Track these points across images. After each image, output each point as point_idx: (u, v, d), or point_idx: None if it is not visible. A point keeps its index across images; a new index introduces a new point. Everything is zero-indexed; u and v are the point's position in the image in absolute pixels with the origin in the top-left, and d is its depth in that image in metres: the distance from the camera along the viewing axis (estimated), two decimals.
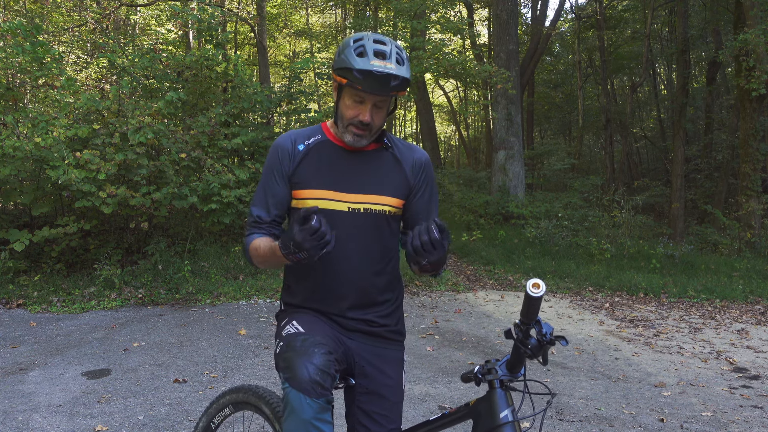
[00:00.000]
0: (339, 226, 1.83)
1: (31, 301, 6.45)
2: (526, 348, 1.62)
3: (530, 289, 1.56)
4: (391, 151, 1.96)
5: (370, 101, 1.81)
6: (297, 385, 1.63)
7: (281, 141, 1.95)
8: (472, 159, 27.41)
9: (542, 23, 19.92)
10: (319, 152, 1.92)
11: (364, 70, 1.74)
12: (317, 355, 1.67)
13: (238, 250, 8.32)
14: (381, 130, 1.91)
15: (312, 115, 10.38)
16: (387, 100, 1.84)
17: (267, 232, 1.92)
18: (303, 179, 1.89)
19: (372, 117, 1.83)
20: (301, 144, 1.93)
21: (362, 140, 1.86)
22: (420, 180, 1.97)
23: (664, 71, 24.85)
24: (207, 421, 2.23)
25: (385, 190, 1.91)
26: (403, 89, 1.82)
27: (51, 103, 7.77)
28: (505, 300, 7.60)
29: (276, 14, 21.06)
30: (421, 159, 1.99)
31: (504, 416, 1.63)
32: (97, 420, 3.58)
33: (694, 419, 3.86)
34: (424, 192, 1.99)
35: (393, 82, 1.76)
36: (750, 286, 8.36)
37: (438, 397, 4.11)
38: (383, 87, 1.76)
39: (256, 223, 1.94)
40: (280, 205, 1.93)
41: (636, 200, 11.32)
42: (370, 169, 1.92)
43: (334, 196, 1.87)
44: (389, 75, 1.74)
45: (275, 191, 1.92)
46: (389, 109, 1.90)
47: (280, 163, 1.92)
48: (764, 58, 10.61)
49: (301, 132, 1.98)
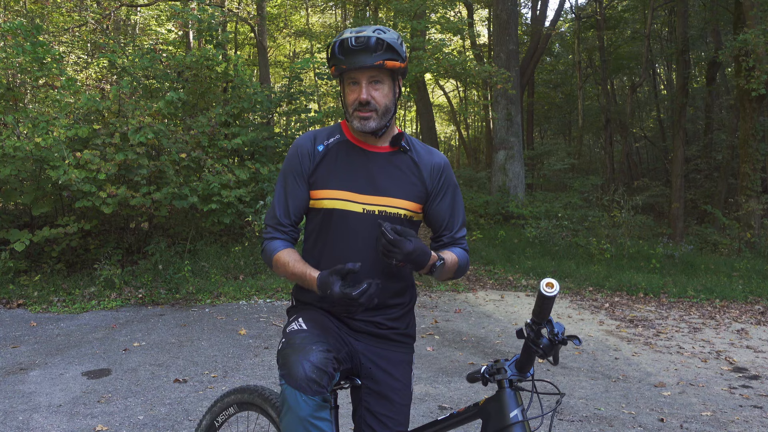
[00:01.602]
0: (353, 227, 1.86)
1: (32, 301, 6.45)
2: (537, 347, 1.62)
3: (544, 288, 1.56)
4: (410, 155, 1.94)
5: (362, 79, 1.81)
6: (293, 383, 1.63)
7: (302, 141, 1.95)
8: (472, 159, 27.41)
9: (542, 23, 19.93)
10: (338, 152, 1.92)
11: (339, 42, 1.77)
12: (314, 353, 1.67)
13: (238, 250, 8.32)
14: (390, 113, 1.87)
15: (312, 115, 10.39)
16: (381, 74, 1.82)
17: (289, 238, 1.95)
18: (321, 179, 1.90)
19: (370, 94, 1.81)
20: (321, 144, 1.93)
21: (369, 122, 1.83)
22: (438, 185, 1.95)
23: (664, 71, 24.85)
24: (211, 420, 2.23)
25: (401, 193, 1.89)
26: (394, 60, 1.79)
27: (51, 103, 7.77)
28: (505, 300, 7.61)
29: (276, 14, 21.05)
30: (440, 163, 1.97)
31: (514, 416, 1.63)
32: (97, 420, 3.58)
33: (694, 419, 3.86)
34: (445, 196, 1.97)
35: (375, 51, 1.75)
36: (750, 286, 8.37)
37: (438, 397, 4.11)
38: (365, 56, 1.76)
39: (277, 227, 1.94)
40: (301, 207, 1.94)
41: (636, 200, 11.31)
42: (388, 172, 1.91)
43: (349, 197, 1.87)
44: (363, 38, 1.74)
45: (296, 194, 1.92)
46: (395, 90, 1.88)
47: (300, 163, 1.91)
48: (764, 58, 10.61)
49: (320, 132, 1.98)
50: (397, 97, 1.90)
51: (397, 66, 1.81)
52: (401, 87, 1.93)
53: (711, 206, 13.35)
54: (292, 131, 10.41)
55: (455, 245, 2.01)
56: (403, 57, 1.82)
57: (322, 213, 1.90)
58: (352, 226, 1.86)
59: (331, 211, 1.88)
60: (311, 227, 1.97)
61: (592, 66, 22.76)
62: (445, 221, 1.98)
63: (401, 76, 1.90)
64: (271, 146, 9.35)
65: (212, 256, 8.07)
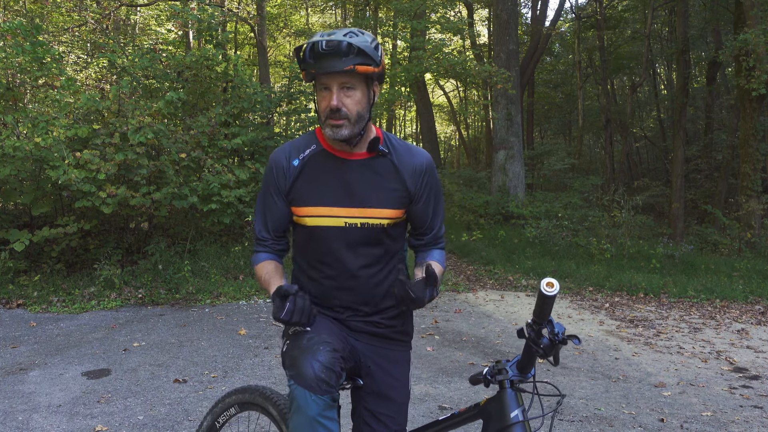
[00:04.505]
0: (336, 241, 1.86)
1: (31, 301, 6.45)
2: (538, 347, 1.62)
3: (544, 287, 1.56)
4: (390, 158, 1.88)
5: (333, 84, 1.75)
6: (302, 383, 1.64)
7: (276, 157, 1.92)
8: (472, 159, 27.42)
9: (542, 23, 19.94)
10: (314, 165, 1.88)
11: (310, 45, 1.72)
12: (322, 353, 1.68)
13: (238, 250, 8.32)
14: (364, 121, 1.81)
15: (312, 115, 10.39)
16: (353, 80, 1.75)
17: (271, 250, 1.96)
18: (299, 196, 1.88)
19: (341, 101, 1.75)
20: (296, 159, 1.89)
21: (341, 130, 1.77)
22: (421, 186, 1.91)
23: (664, 71, 24.85)
24: (212, 420, 2.23)
25: (382, 203, 1.86)
26: (366, 64, 1.73)
27: (51, 103, 7.76)
28: (505, 300, 7.61)
29: (276, 14, 21.04)
30: (421, 164, 1.90)
31: (514, 416, 1.64)
32: (97, 420, 3.58)
33: (694, 419, 3.86)
34: (428, 198, 1.94)
35: (346, 55, 1.69)
36: (750, 286, 8.36)
37: (438, 397, 4.11)
38: (335, 60, 1.70)
39: (259, 241, 1.97)
40: (280, 222, 1.94)
41: (636, 200, 11.31)
42: (366, 180, 1.86)
43: (329, 212, 1.85)
44: (333, 42, 1.70)
45: (272, 209, 1.93)
46: (370, 96, 1.81)
47: (276, 181, 1.90)
48: (764, 58, 10.61)
49: (296, 144, 1.93)
50: (372, 103, 1.83)
51: (370, 71, 1.75)
52: (377, 92, 1.85)
53: (711, 206, 13.34)
54: (292, 131, 10.41)
55: (436, 245, 2.03)
56: (377, 61, 1.76)
57: (306, 229, 1.91)
58: (336, 240, 1.86)
59: (313, 228, 1.88)
60: (298, 239, 1.99)
61: (592, 66, 22.76)
62: (427, 221, 1.98)
63: (377, 81, 1.83)
64: (271, 146, 9.34)
65: (212, 256, 8.06)
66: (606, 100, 20.00)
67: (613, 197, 11.41)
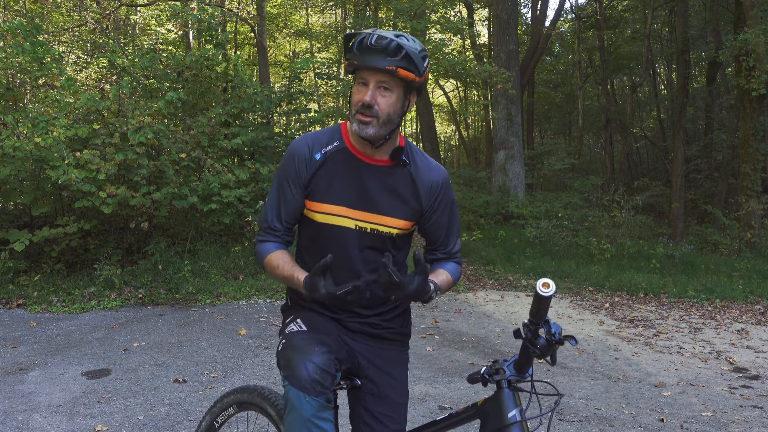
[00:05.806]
0: (344, 242, 1.86)
1: (31, 301, 6.45)
2: (534, 348, 1.62)
3: (540, 288, 1.56)
4: (409, 169, 1.89)
5: (371, 80, 1.74)
6: (296, 384, 1.64)
7: (298, 147, 1.88)
8: (472, 159, 27.41)
9: (542, 23, 19.93)
10: (336, 163, 1.87)
11: (359, 40, 1.72)
12: (317, 354, 1.68)
13: (238, 250, 8.31)
14: (393, 125, 1.80)
15: (312, 115, 10.40)
16: (392, 82, 1.74)
17: (281, 241, 1.93)
18: (317, 191, 1.87)
19: (375, 99, 1.74)
20: (318, 152, 1.87)
21: (368, 128, 1.76)
22: (435, 202, 1.92)
23: (664, 71, 24.85)
24: (210, 420, 2.24)
25: (394, 212, 1.87)
26: (409, 70, 1.72)
27: (51, 103, 7.76)
28: (505, 300, 7.60)
29: (276, 14, 21.05)
30: (438, 181, 1.92)
31: (512, 416, 1.64)
32: (97, 420, 3.58)
33: (694, 419, 3.86)
34: (442, 214, 1.95)
35: (391, 56, 1.69)
36: (750, 286, 8.36)
37: (438, 397, 4.11)
38: (379, 57, 1.69)
39: (269, 231, 1.93)
40: (294, 213, 1.92)
41: (636, 200, 11.30)
42: (384, 187, 1.87)
43: (344, 212, 1.85)
44: (383, 39, 1.69)
45: (289, 199, 1.90)
46: (405, 103, 1.80)
47: (297, 170, 1.87)
48: (764, 58, 10.60)
49: (319, 137, 1.91)
50: (405, 111, 1.82)
51: (411, 78, 1.73)
52: (412, 102, 1.84)
53: (711, 206, 13.34)
54: (292, 131, 10.41)
55: (450, 260, 2.03)
56: (420, 71, 1.74)
57: (315, 224, 1.90)
58: (342, 240, 1.86)
59: (322, 225, 1.88)
60: (303, 233, 1.97)
61: (592, 66, 22.76)
62: (441, 237, 1.99)
63: (416, 91, 1.81)
64: (271, 146, 9.36)
65: (212, 256, 8.06)
66: (606, 100, 20.00)
67: (613, 197, 11.41)
